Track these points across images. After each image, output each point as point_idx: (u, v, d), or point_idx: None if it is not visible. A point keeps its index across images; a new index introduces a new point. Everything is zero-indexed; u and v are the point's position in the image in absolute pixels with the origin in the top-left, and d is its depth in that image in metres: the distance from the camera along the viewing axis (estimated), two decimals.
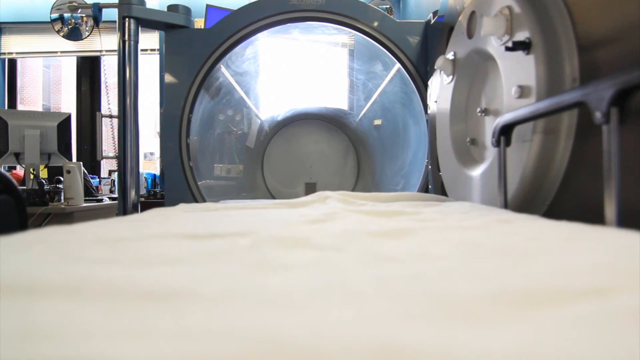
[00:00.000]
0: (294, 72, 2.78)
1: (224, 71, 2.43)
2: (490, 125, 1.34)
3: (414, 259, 0.48)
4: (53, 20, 2.89)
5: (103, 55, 4.43)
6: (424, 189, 2.08)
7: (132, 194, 2.02)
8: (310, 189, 2.88)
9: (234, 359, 0.22)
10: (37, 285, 0.34)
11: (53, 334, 0.25)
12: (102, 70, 4.35)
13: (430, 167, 1.95)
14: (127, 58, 2.03)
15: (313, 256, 0.49)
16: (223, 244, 0.57)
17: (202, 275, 0.40)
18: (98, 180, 3.86)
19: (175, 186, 2.10)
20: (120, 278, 0.37)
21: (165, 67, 2.11)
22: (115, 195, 3.21)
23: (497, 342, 0.25)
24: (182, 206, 1.26)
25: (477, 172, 1.35)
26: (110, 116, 2.17)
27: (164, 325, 0.27)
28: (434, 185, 1.89)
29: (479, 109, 1.41)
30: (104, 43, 4.22)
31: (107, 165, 4.76)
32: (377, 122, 2.75)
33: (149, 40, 4.18)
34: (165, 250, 0.53)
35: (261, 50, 2.57)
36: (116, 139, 2.12)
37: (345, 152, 2.98)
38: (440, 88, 1.67)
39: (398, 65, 2.18)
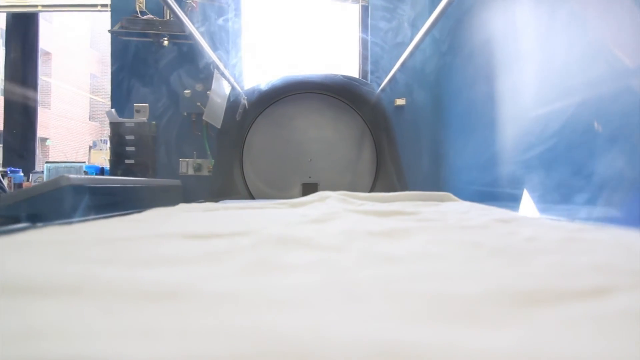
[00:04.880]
0: (285, 20, 1.97)
1: None
2: None
3: (414, 258, 0.48)
4: None
5: (40, 11, 3.36)
6: None
7: None
8: (310, 191, 1.94)
9: (234, 358, 0.22)
10: (37, 285, 0.34)
11: (53, 334, 0.25)
12: (38, 31, 3.32)
13: None
14: None
15: (314, 256, 0.49)
16: (223, 244, 0.57)
17: (202, 275, 0.40)
18: (23, 175, 3.00)
19: None
20: (121, 278, 0.37)
21: None
22: None
23: (497, 341, 0.25)
24: (182, 206, 1.26)
25: None
26: None
27: (164, 325, 0.27)
28: None
29: None
30: None
31: (56, 155, 3.66)
32: (403, 101, 1.73)
33: None
34: (165, 250, 0.53)
35: None
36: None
37: (360, 139, 2.16)
38: None
39: None
